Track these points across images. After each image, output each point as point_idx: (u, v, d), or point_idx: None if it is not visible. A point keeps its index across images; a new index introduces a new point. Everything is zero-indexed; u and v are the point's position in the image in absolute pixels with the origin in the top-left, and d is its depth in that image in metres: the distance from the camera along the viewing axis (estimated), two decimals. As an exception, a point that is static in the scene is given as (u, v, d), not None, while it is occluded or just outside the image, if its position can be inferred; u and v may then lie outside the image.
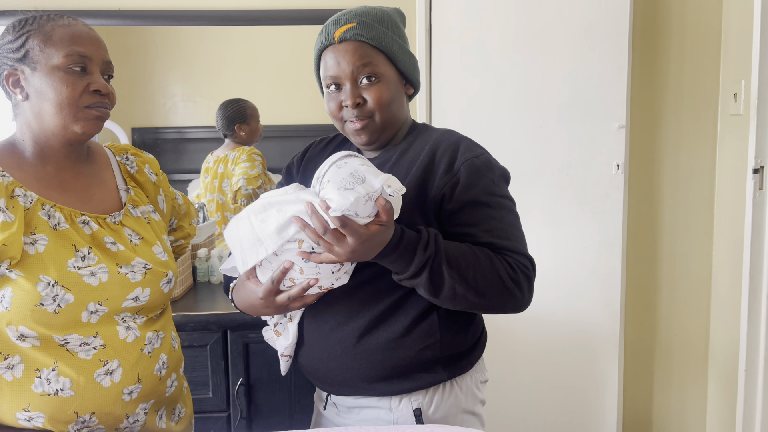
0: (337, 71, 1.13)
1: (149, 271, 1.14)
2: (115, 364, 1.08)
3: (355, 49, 1.12)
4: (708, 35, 2.30)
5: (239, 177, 2.28)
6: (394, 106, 1.16)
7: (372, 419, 1.20)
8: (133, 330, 1.12)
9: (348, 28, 1.13)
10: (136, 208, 1.21)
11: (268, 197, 1.07)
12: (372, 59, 1.13)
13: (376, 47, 1.13)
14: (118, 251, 1.12)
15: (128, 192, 1.22)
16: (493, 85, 2.19)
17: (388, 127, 1.17)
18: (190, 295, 1.97)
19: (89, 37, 1.11)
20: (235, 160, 2.30)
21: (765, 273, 2.15)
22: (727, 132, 2.29)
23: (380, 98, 1.13)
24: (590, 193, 2.22)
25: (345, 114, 1.15)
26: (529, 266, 1.13)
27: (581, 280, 2.25)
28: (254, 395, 1.78)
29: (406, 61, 1.18)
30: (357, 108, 1.13)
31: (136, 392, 1.11)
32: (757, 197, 2.15)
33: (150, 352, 1.14)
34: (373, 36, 1.13)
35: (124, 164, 1.26)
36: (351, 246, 0.99)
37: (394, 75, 1.16)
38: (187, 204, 1.45)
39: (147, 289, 1.13)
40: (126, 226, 1.17)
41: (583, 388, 2.30)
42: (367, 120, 1.14)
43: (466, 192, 1.11)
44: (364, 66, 1.12)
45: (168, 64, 2.35)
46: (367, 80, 1.13)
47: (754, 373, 2.22)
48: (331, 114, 1.18)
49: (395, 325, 1.14)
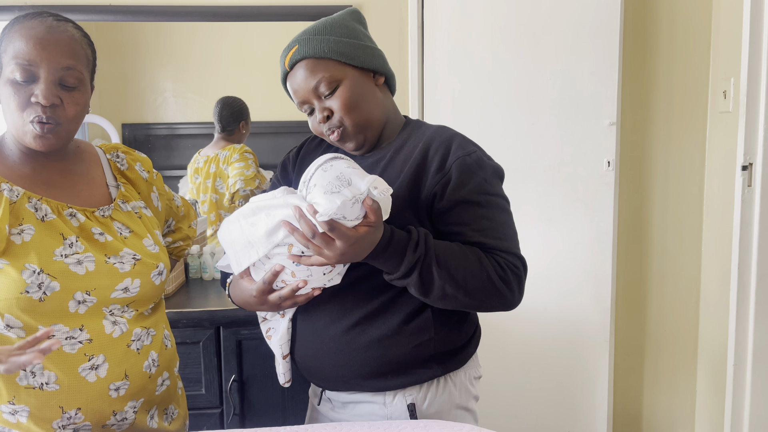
0: (300, 96, 1.16)
1: (138, 262, 1.13)
2: (101, 359, 1.07)
3: (304, 68, 1.13)
4: (698, 33, 2.32)
5: (236, 179, 2.28)
6: (363, 103, 1.15)
7: (366, 414, 1.20)
8: (120, 325, 1.11)
9: (292, 53, 1.15)
10: (126, 203, 1.20)
11: (257, 201, 1.08)
12: (323, 70, 1.13)
13: (323, 58, 1.13)
14: (106, 242, 1.11)
15: (118, 188, 1.21)
16: (485, 83, 2.20)
17: (365, 126, 1.16)
18: (182, 292, 1.97)
19: (41, 41, 1.03)
20: (227, 159, 2.29)
21: (753, 269, 2.18)
22: (717, 129, 2.31)
23: (343, 103, 1.12)
24: (581, 189, 2.24)
25: (323, 130, 1.16)
26: (520, 265, 1.13)
27: (572, 277, 2.27)
28: (247, 392, 1.78)
29: (360, 55, 1.16)
30: (327, 122, 1.14)
31: (123, 389, 1.10)
32: (746, 194, 2.17)
33: (139, 348, 1.12)
34: (316, 48, 1.13)
35: (114, 161, 1.24)
36: (340, 249, 0.99)
37: (353, 73, 1.15)
38: (187, 206, 1.45)
39: (137, 280, 1.12)
40: (116, 219, 1.16)
41: (574, 383, 2.31)
42: (340, 128, 1.14)
43: (457, 191, 1.11)
44: (318, 81, 1.12)
45: (159, 60, 2.34)
46: (327, 90, 1.13)
47: (742, 369, 2.24)
48: (315, 133, 1.20)
49: (389, 321, 1.15)
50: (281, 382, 1.26)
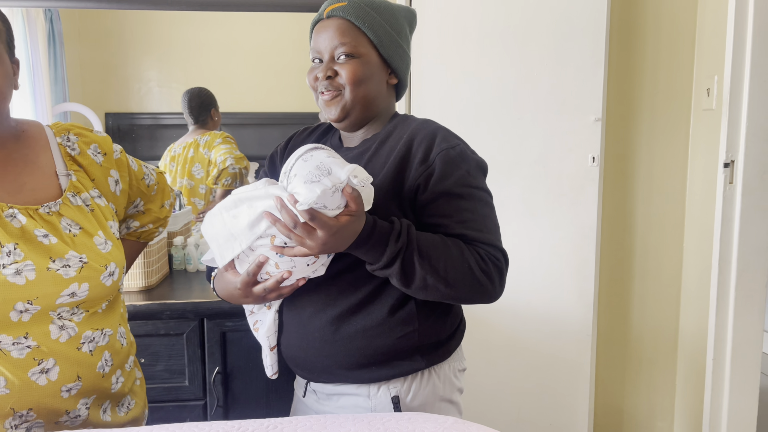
0: (319, 44, 1.16)
1: (86, 266, 1.06)
2: (51, 362, 1.03)
3: (338, 25, 1.15)
4: (683, 31, 2.34)
5: (225, 156, 2.26)
6: (368, 86, 1.16)
7: (351, 406, 1.21)
8: (68, 329, 1.05)
9: (338, 6, 1.15)
10: (77, 195, 1.12)
11: (238, 193, 1.07)
12: (353, 39, 1.14)
13: (359, 28, 1.15)
14: (50, 244, 1.04)
15: (69, 177, 1.12)
16: (472, 78, 2.20)
17: (360, 106, 1.17)
18: (166, 284, 1.95)
19: None
20: (208, 144, 2.27)
21: (733, 265, 2.21)
22: (700, 126, 2.34)
23: (353, 73, 1.14)
24: (566, 185, 2.25)
25: (319, 85, 1.17)
26: (501, 258, 1.14)
27: (556, 271, 2.28)
28: (231, 383, 1.77)
29: (391, 49, 1.18)
30: (328, 80, 1.15)
31: (75, 389, 1.06)
32: (728, 191, 2.20)
33: (91, 350, 1.08)
34: (360, 16, 1.14)
35: (64, 146, 1.15)
36: (322, 238, 0.99)
37: (375, 59, 1.17)
38: (162, 185, 1.35)
39: (85, 284, 1.06)
40: (64, 215, 1.08)
41: (557, 376, 2.33)
42: (337, 93, 1.15)
43: (440, 183, 1.11)
44: (343, 44, 1.14)
45: (143, 49, 2.31)
46: (344, 57, 1.14)
47: (721, 363, 2.28)
48: (309, 85, 1.20)
49: (373, 313, 1.15)
50: (269, 374, 1.26)
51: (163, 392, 1.73)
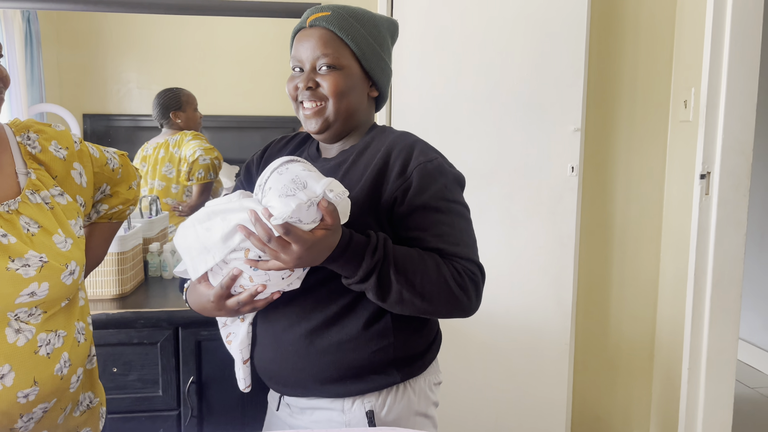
0: (300, 54, 1.15)
1: (46, 265, 1.04)
2: (6, 368, 1.00)
3: (321, 36, 1.13)
4: (661, 43, 2.36)
5: (194, 149, 2.24)
6: (350, 98, 1.15)
7: (324, 421, 1.20)
8: (25, 332, 1.03)
9: (321, 16, 1.14)
10: (36, 193, 1.10)
11: (212, 206, 1.05)
12: (335, 50, 1.13)
13: (342, 40, 1.14)
14: (9, 244, 1.02)
15: (28, 176, 1.11)
16: (452, 87, 2.20)
17: (342, 118, 1.16)
18: (141, 291, 1.93)
19: None
20: (177, 143, 2.25)
21: (709, 275, 2.24)
22: (677, 138, 2.36)
23: (335, 86, 1.13)
24: (545, 194, 2.26)
25: (300, 95, 1.16)
26: (478, 272, 1.13)
27: (534, 280, 2.29)
28: (206, 393, 1.75)
29: (373, 62, 1.17)
30: (309, 91, 1.14)
31: (33, 394, 1.03)
32: (703, 202, 2.23)
33: (49, 353, 1.05)
34: (343, 27, 1.13)
35: (24, 144, 1.13)
36: (297, 253, 0.97)
37: (357, 71, 1.16)
38: (126, 167, 1.33)
39: (44, 284, 1.03)
40: (23, 214, 1.06)
41: (535, 384, 2.34)
42: (319, 104, 1.15)
43: (417, 197, 1.11)
44: (326, 54, 1.13)
45: (122, 50, 2.28)
46: (326, 68, 1.13)
47: (696, 371, 2.30)
48: (289, 95, 1.19)
49: (348, 326, 1.14)
50: (241, 388, 1.25)
51: (135, 402, 1.70)
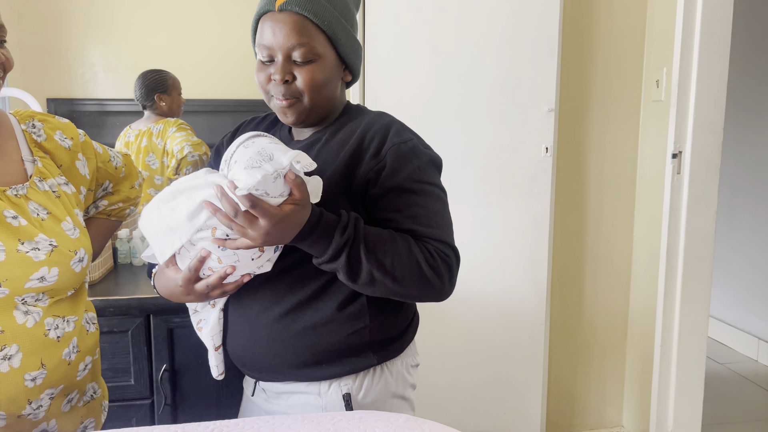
0: (272, 42, 1.06)
1: (56, 250, 1.04)
2: (14, 349, 1.00)
3: (294, 22, 1.04)
4: (634, 23, 2.37)
5: (182, 144, 2.18)
6: (326, 89, 1.10)
7: (301, 405, 1.18)
8: (34, 314, 1.03)
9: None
10: (44, 180, 1.11)
11: (177, 184, 1.01)
12: (311, 38, 1.05)
13: (317, 25, 1.06)
14: (20, 226, 1.02)
15: (35, 163, 1.11)
16: (426, 68, 2.18)
17: (318, 109, 1.12)
18: (110, 278, 1.88)
19: None
20: (161, 133, 2.19)
21: (680, 253, 2.26)
22: (649, 117, 2.38)
23: (312, 79, 1.07)
24: (520, 175, 2.26)
25: (272, 89, 1.09)
26: (452, 255, 1.10)
27: (510, 261, 2.30)
28: (179, 381, 1.72)
29: (348, 46, 1.11)
30: (285, 85, 1.07)
31: (40, 378, 1.03)
32: (675, 181, 2.25)
33: (59, 336, 1.05)
34: (318, 12, 1.05)
35: (29, 132, 1.14)
36: (264, 228, 0.94)
37: (332, 58, 1.09)
38: (129, 166, 1.35)
39: (54, 269, 1.04)
40: (32, 199, 1.07)
41: (511, 365, 2.36)
42: (294, 100, 1.09)
43: (390, 178, 1.08)
44: (301, 44, 1.05)
45: (87, 32, 2.21)
46: (301, 58, 1.06)
47: (668, 348, 2.34)
48: (259, 85, 1.11)
49: (322, 309, 1.12)
50: (214, 375, 1.22)
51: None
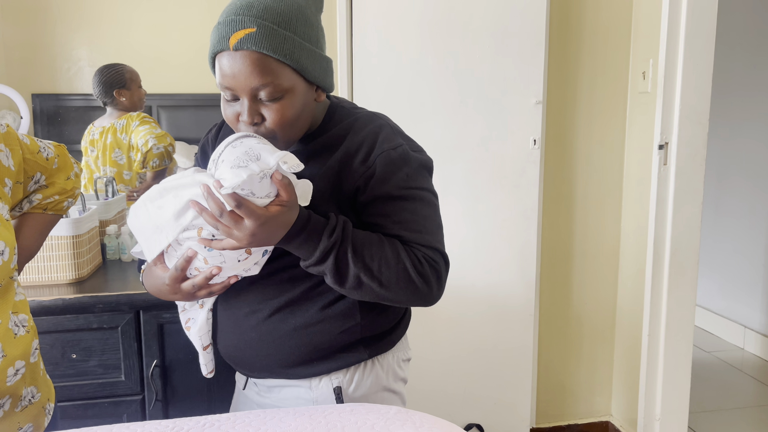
0: (233, 84, 0.97)
1: None
2: None
3: (254, 62, 0.95)
4: (620, 15, 2.37)
5: (146, 138, 2.16)
6: (300, 121, 1.03)
7: (292, 398, 1.18)
8: None
9: (246, 35, 0.94)
10: None
11: (164, 183, 1.01)
12: (275, 76, 0.96)
13: (278, 60, 0.97)
14: None
15: None
16: (415, 62, 2.18)
17: (295, 137, 1.07)
18: (99, 275, 1.87)
19: None
20: (124, 128, 2.18)
21: (667, 244, 2.29)
22: (636, 109, 2.39)
23: (282, 118, 0.99)
24: (508, 167, 2.27)
25: (242, 127, 1.01)
26: (440, 260, 1.09)
27: (499, 253, 2.31)
28: (170, 377, 1.72)
29: (316, 69, 1.02)
30: (254, 126, 1.00)
31: None
32: (662, 172, 2.27)
33: None
34: (276, 47, 0.95)
35: None
36: (250, 228, 0.93)
37: (302, 86, 1.01)
38: (63, 157, 1.29)
39: None
40: None
41: (501, 356, 2.37)
42: (266, 136, 1.02)
43: (380, 186, 1.07)
44: (264, 84, 0.96)
45: (72, 26, 2.18)
46: (268, 97, 0.98)
47: (656, 338, 2.36)
48: (227, 121, 1.04)
49: (312, 309, 1.11)
50: (204, 374, 1.22)
51: (97, 388, 1.66)
